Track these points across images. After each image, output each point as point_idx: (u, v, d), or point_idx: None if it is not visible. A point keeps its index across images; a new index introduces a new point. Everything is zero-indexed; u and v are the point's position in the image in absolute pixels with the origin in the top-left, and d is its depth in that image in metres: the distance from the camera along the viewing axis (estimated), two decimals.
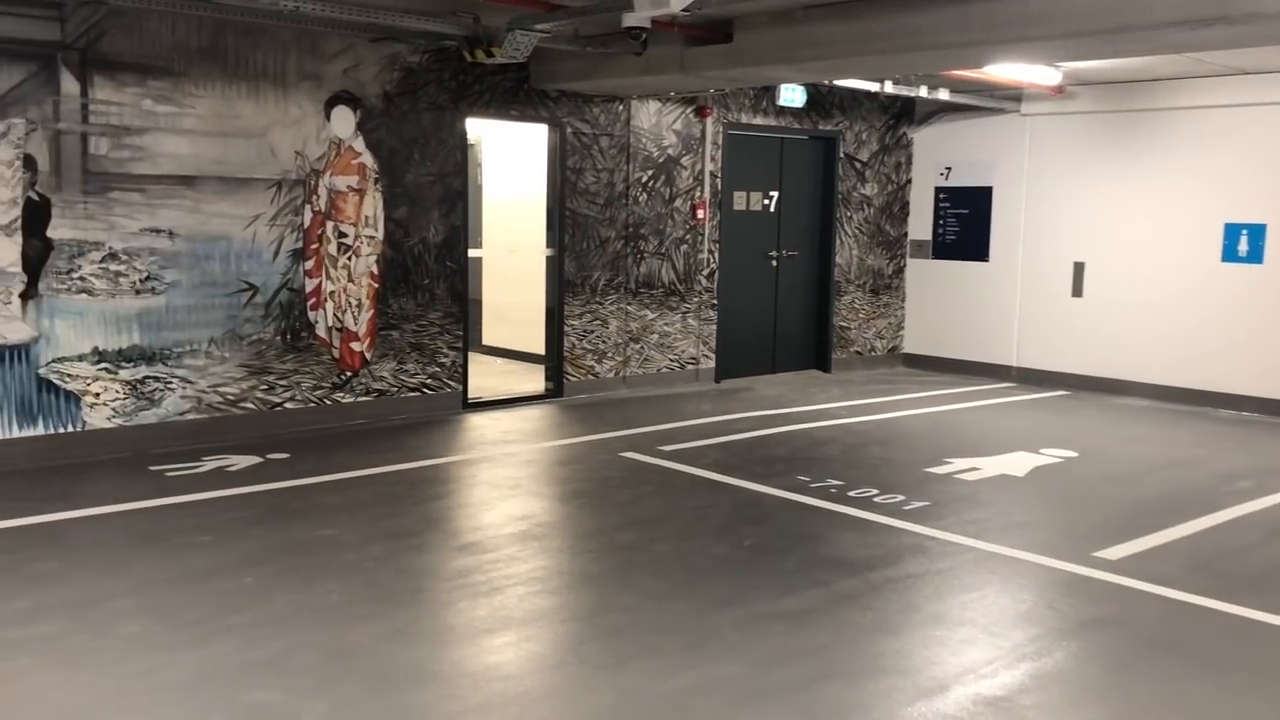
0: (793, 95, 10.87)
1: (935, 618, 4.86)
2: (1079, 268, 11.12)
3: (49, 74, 7.00)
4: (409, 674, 4.19)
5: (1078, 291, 11.14)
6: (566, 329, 9.87)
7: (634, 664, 4.29)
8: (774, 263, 11.53)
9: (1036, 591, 5.24)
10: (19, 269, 7.01)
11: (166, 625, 4.54)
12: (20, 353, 7.06)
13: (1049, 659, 4.44)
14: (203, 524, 5.93)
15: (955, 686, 4.16)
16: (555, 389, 9.88)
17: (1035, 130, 11.39)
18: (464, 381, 9.25)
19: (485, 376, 10.35)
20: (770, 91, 10.83)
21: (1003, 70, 9.30)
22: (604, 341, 10.13)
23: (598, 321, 10.06)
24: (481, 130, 11.51)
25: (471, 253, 9.65)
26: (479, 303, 11.87)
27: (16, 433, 7.07)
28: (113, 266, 7.36)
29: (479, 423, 8.83)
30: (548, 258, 9.88)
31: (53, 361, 7.18)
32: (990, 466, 7.68)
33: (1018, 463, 7.82)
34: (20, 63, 6.88)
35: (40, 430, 7.16)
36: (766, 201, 11.36)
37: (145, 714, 3.80)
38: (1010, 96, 11.21)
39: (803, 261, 11.79)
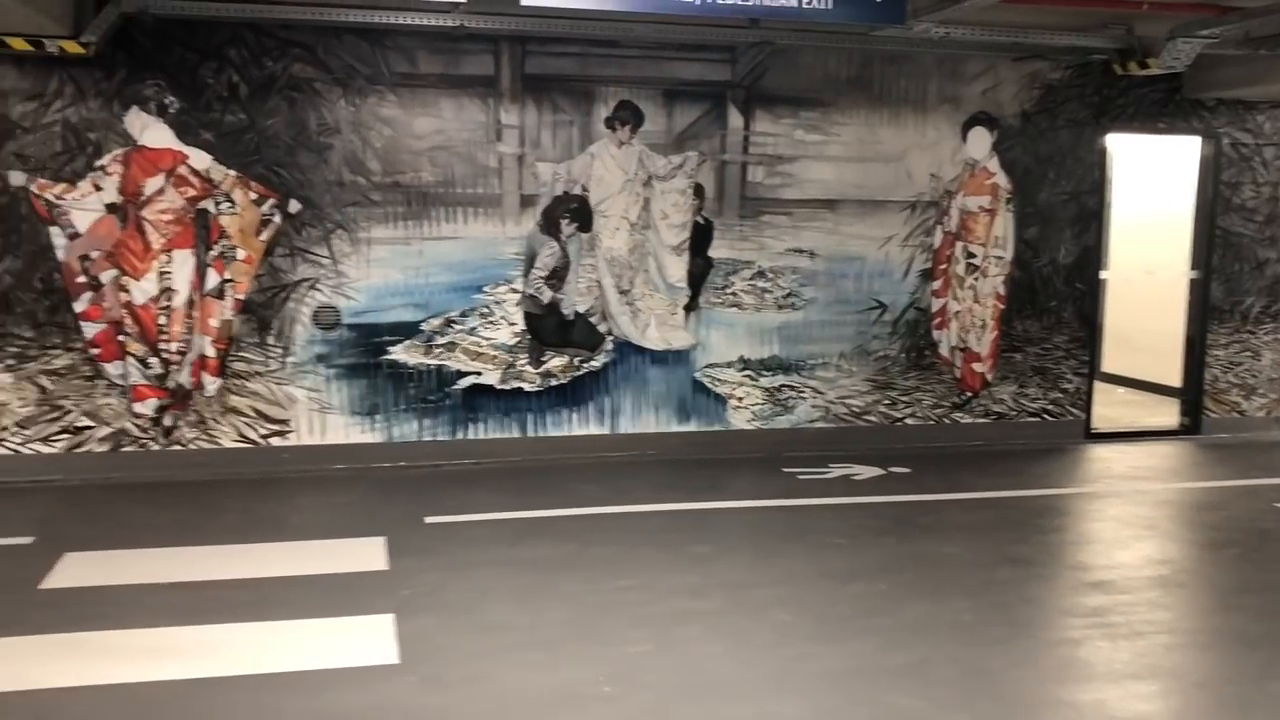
0: None
1: None
2: None
3: (719, 111, 7.86)
4: (1047, 704, 4.09)
5: None
6: (1208, 359, 8.98)
7: None
8: None
9: None
10: (684, 284, 7.95)
11: (812, 618, 4.88)
12: (682, 358, 8.00)
13: None
14: (835, 527, 6.27)
15: None
16: (1191, 425, 9.02)
17: None
18: (1087, 410, 8.80)
19: (1106, 406, 9.73)
20: None
21: None
22: (1254, 376, 9.06)
23: (1248, 353, 9.03)
24: (1109, 145, 10.87)
25: None
26: (1099, 327, 11.21)
27: (675, 427, 8.02)
28: (760, 283, 8.07)
29: (1103, 454, 8.35)
30: (1190, 280, 9.06)
31: (706, 366, 8.04)
32: None
33: None
34: (697, 102, 7.80)
35: (693, 426, 8.05)
36: None
37: (800, 698, 4.11)
38: None
39: None
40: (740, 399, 8.11)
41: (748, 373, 8.11)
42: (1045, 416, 8.68)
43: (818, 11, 6.09)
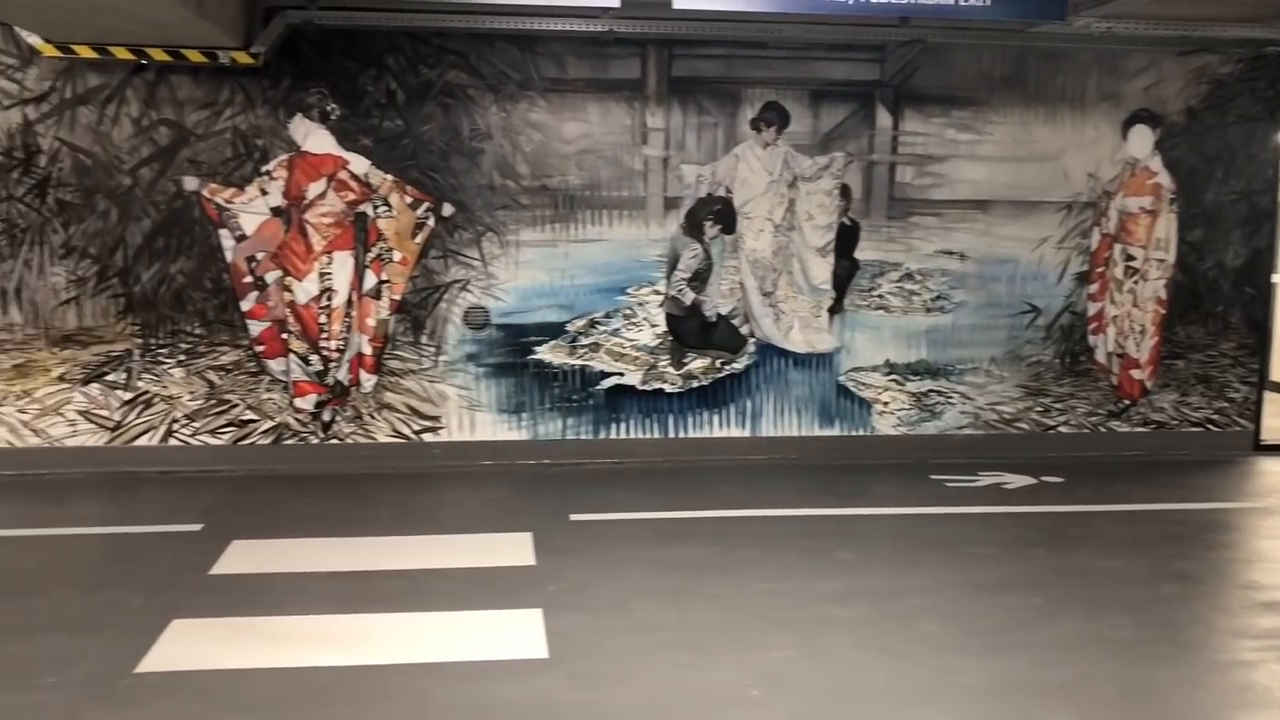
0: None
1: None
2: None
3: (866, 111, 7.74)
4: None
5: None
6: None
7: None
8: None
9: None
10: (829, 286, 7.85)
11: (960, 630, 4.76)
12: (825, 361, 7.91)
13: None
14: (984, 537, 6.11)
15: None
16: None
17: None
18: (1256, 420, 8.35)
19: (1277, 417, 9.22)
20: None
21: None
22: None
23: None
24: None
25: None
26: (1270, 333, 10.61)
27: (817, 431, 7.93)
28: (907, 286, 7.92)
29: (1273, 468, 7.91)
30: None
31: (850, 370, 7.94)
32: None
33: None
34: (844, 102, 7.71)
35: (836, 431, 7.95)
36: None
37: (949, 711, 4.01)
38: None
39: None
40: (885, 404, 7.97)
41: (894, 377, 7.97)
42: (1209, 427, 8.27)
43: (975, 9, 5.94)
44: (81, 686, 4.11)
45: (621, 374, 7.72)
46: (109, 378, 7.25)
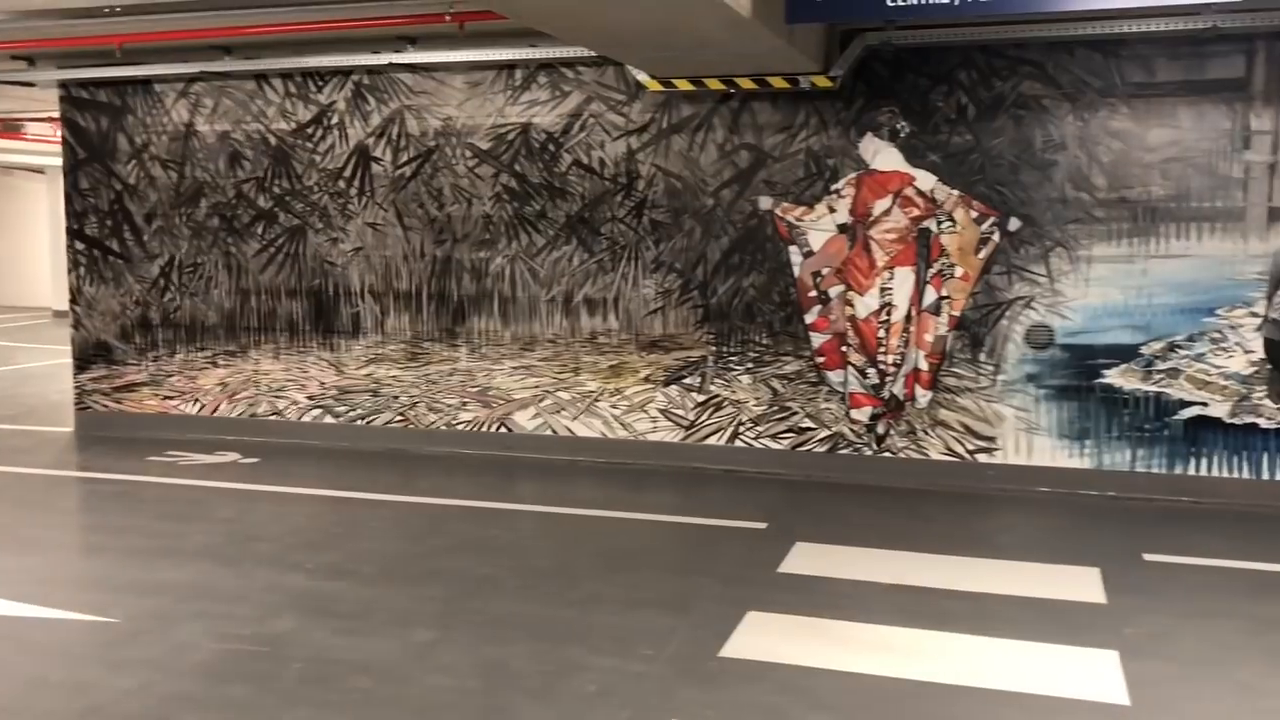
0: None
1: None
2: None
3: None
4: None
5: None
6: None
7: None
8: None
9: None
10: None
11: None
12: None
13: None
14: None
15: None
16: None
17: None
18: None
19: None
20: None
21: None
22: None
23: None
24: None
25: None
26: None
27: None
28: None
29: None
30: None
31: None
32: None
33: None
34: None
35: None
36: None
37: None
38: None
39: None
40: None
41: None
42: None
43: None
44: (673, 662, 4.51)
45: (1205, 404, 6.99)
46: (686, 381, 7.94)
